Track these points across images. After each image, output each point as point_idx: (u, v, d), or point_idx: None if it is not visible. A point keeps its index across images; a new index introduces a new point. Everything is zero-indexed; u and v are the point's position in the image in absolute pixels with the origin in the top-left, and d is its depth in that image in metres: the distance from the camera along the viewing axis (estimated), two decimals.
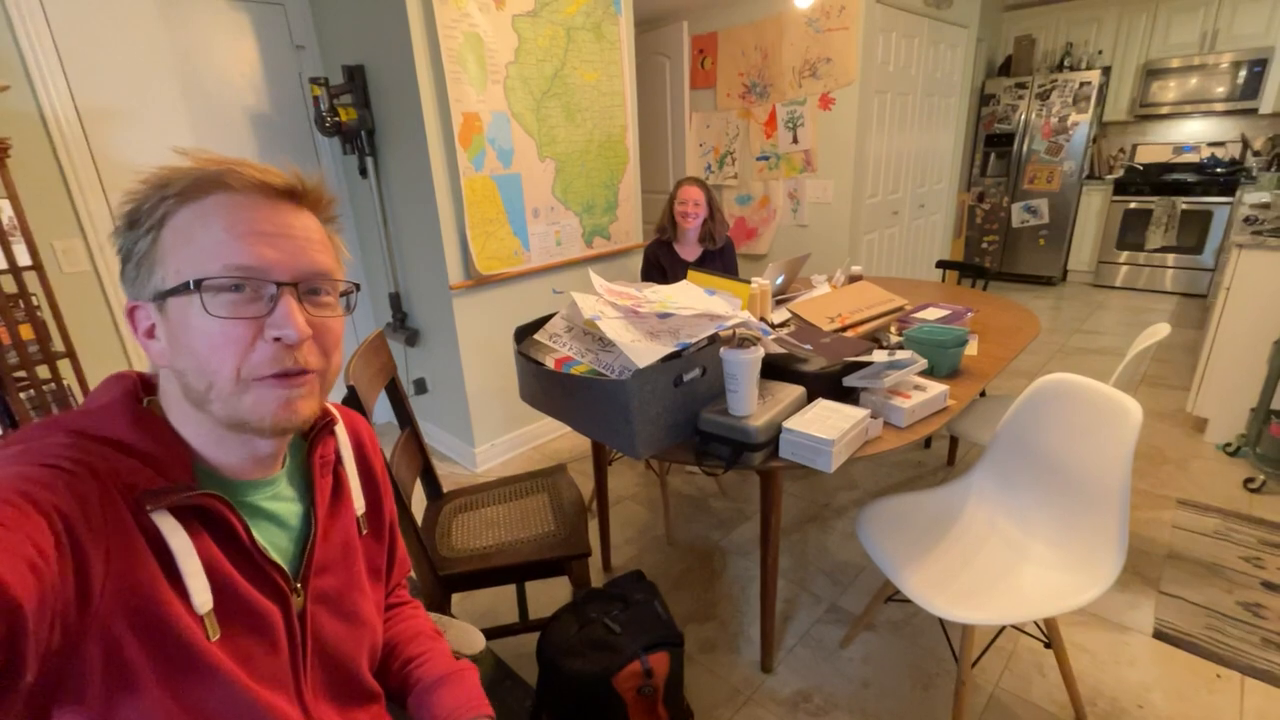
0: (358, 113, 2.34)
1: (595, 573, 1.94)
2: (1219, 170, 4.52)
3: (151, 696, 0.50)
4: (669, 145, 3.81)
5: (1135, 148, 5.05)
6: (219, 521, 0.55)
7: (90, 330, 2.09)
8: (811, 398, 1.34)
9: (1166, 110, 4.70)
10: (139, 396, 0.58)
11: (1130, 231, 4.79)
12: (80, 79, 2.01)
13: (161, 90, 2.20)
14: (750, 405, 1.21)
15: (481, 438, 2.62)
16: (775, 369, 1.40)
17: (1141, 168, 4.89)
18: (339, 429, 0.72)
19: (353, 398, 1.11)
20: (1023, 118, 4.93)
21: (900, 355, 1.38)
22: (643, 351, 1.18)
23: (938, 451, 2.61)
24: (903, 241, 4.06)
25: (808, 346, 1.50)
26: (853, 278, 2.30)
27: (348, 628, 0.68)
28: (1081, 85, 4.63)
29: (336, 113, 2.29)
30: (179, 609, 0.51)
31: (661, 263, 2.52)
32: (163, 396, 0.58)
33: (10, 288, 1.75)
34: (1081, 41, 4.87)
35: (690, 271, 1.86)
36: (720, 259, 2.53)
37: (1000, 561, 1.32)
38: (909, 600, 1.22)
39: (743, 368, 1.17)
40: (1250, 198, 3.14)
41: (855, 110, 3.24)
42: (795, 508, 2.25)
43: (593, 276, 1.46)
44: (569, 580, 1.40)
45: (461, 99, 2.17)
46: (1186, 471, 2.35)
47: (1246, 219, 2.79)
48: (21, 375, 1.77)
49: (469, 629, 0.96)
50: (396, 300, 2.70)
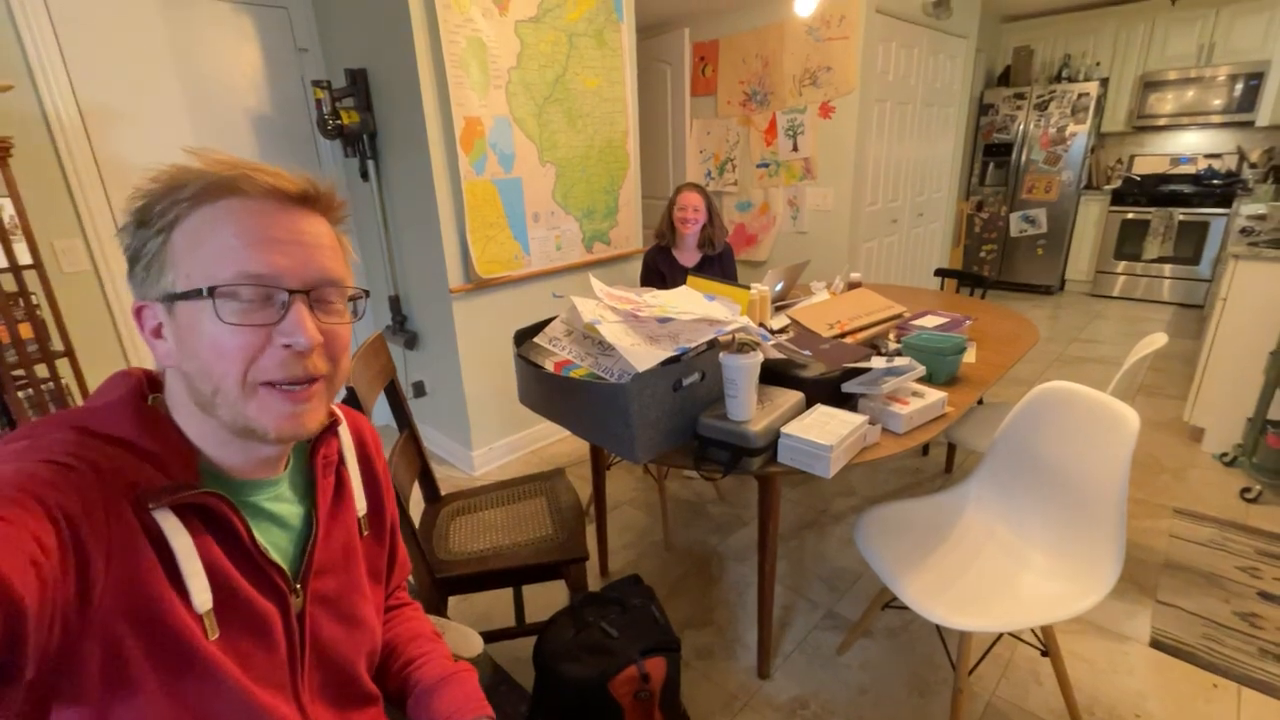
0: (360, 116, 2.35)
1: (592, 577, 1.93)
2: (1216, 182, 4.55)
3: (149, 695, 0.50)
4: (669, 151, 3.83)
5: (1133, 159, 5.08)
6: (221, 521, 0.55)
7: (89, 330, 2.09)
8: (810, 403, 1.34)
9: (1164, 122, 4.74)
10: (144, 394, 0.58)
11: (1128, 242, 4.81)
12: (83, 79, 2.01)
13: (164, 91, 2.21)
14: (749, 410, 1.21)
15: (479, 441, 2.62)
16: (774, 374, 1.40)
17: (1139, 179, 4.92)
18: (342, 429, 0.72)
19: (352, 399, 1.11)
20: (1021, 128, 4.96)
21: (899, 362, 1.39)
22: (642, 355, 1.18)
23: (935, 458, 2.61)
24: (902, 249, 4.08)
25: (806, 352, 1.50)
26: (852, 285, 2.31)
27: (346, 630, 0.68)
28: (1079, 96, 4.66)
29: (339, 116, 2.30)
30: (178, 607, 0.51)
31: (660, 268, 2.53)
32: (168, 395, 0.58)
33: (10, 286, 1.75)
34: (1079, 53, 4.90)
35: (690, 277, 1.87)
36: (719, 264, 2.54)
37: (998, 569, 1.33)
38: (906, 607, 1.22)
39: (742, 373, 1.18)
40: (1246, 209, 3.16)
41: (855, 119, 3.25)
42: (793, 514, 2.25)
43: (593, 281, 1.47)
44: (566, 584, 1.40)
45: (464, 103, 2.18)
46: (1183, 481, 2.35)
47: (1243, 230, 2.81)
48: (20, 374, 1.77)
49: (467, 632, 0.96)
50: (396, 303, 2.70)
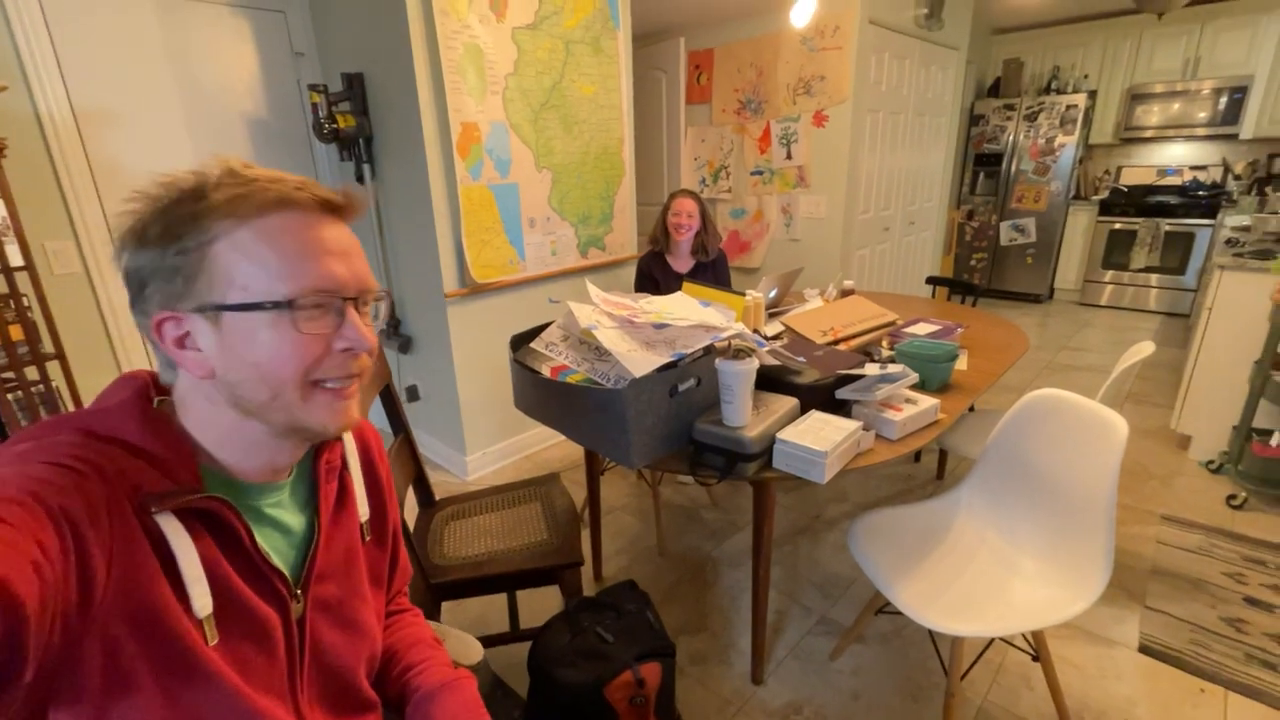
0: (356, 120, 2.35)
1: (586, 583, 1.93)
2: (1201, 193, 4.63)
3: (147, 698, 0.49)
4: (664, 158, 3.85)
5: (1120, 170, 5.16)
6: (223, 525, 0.56)
7: (80, 332, 2.08)
8: (804, 409, 1.35)
9: (1150, 134, 4.82)
10: (150, 397, 0.58)
11: (1115, 251, 4.88)
12: (77, 81, 2.01)
13: (159, 94, 2.20)
14: (745, 416, 1.22)
15: (473, 446, 2.62)
16: (769, 380, 1.41)
17: (1126, 189, 4.99)
18: (346, 434, 0.72)
19: None
20: (1011, 138, 5.02)
21: (892, 369, 1.40)
22: (639, 361, 1.19)
23: (927, 465, 2.63)
24: (893, 257, 4.11)
25: (801, 359, 1.51)
26: (845, 292, 2.33)
27: (346, 636, 0.68)
28: (1068, 108, 4.74)
29: (335, 120, 2.30)
30: (178, 612, 0.51)
31: (654, 274, 2.54)
32: (178, 400, 0.58)
33: (1, 288, 1.74)
34: (1068, 65, 4.98)
35: (685, 283, 1.88)
36: (712, 271, 2.56)
37: (989, 574, 1.34)
38: (899, 613, 1.23)
39: (738, 379, 1.19)
40: (1231, 220, 3.22)
41: (848, 128, 3.29)
42: (786, 519, 2.26)
43: (589, 287, 1.47)
44: (559, 590, 1.39)
45: (461, 109, 2.19)
46: (1170, 488, 2.38)
47: (1228, 241, 2.86)
48: (10, 376, 1.75)
49: (467, 638, 0.96)
50: (390, 307, 2.70)
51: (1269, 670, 1.54)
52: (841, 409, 1.41)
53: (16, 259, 1.76)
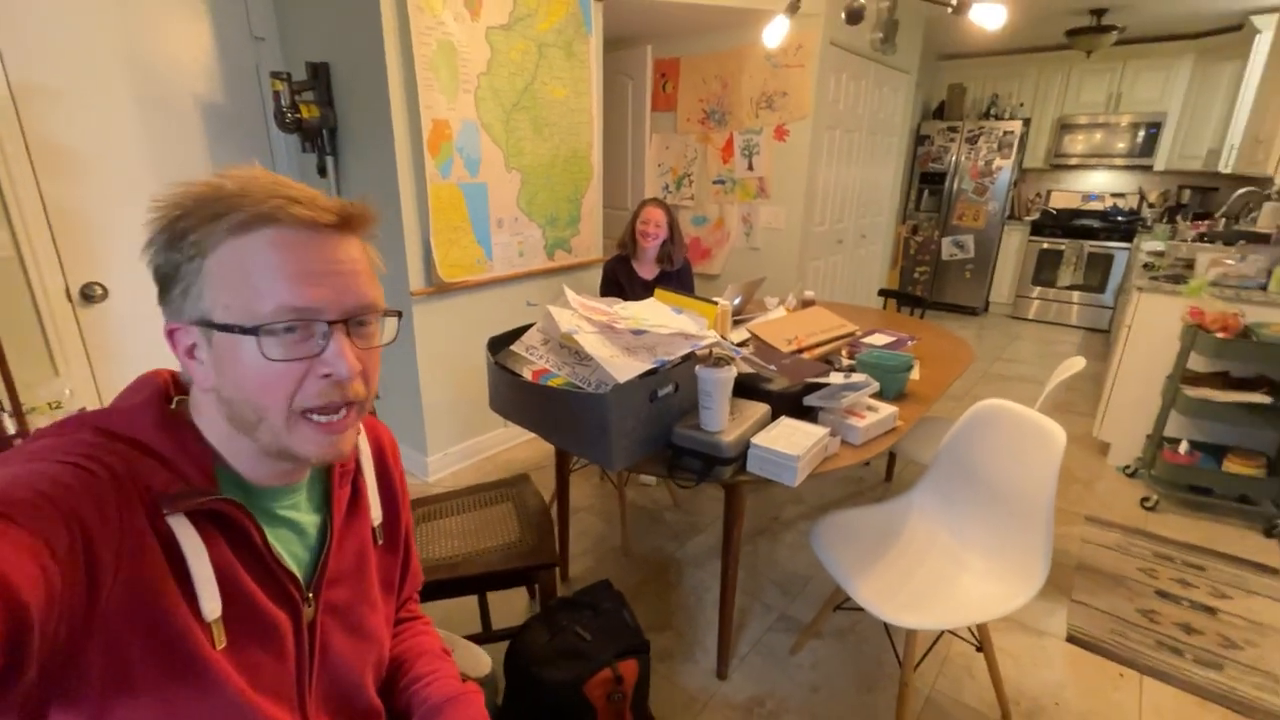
0: (320, 111, 2.28)
1: None
2: (1120, 219, 5.03)
3: (149, 700, 0.49)
4: (629, 163, 3.89)
5: (1050, 193, 5.54)
6: (236, 527, 0.56)
7: (10, 318, 1.94)
8: (774, 415, 1.41)
9: (1076, 161, 5.20)
10: (169, 396, 0.58)
11: (1044, 269, 5.24)
12: (14, 55, 1.87)
13: (103, 71, 2.07)
14: (723, 421, 1.27)
15: (435, 446, 2.58)
16: (741, 387, 1.46)
17: (1055, 212, 5.38)
18: (360, 439, 0.72)
19: None
20: (953, 159, 5.31)
21: (856, 378, 1.49)
22: (622, 367, 1.22)
23: (876, 468, 2.77)
24: (845, 269, 4.29)
25: (772, 367, 1.58)
26: (805, 302, 2.43)
27: (355, 642, 0.68)
28: (1005, 133, 5.05)
29: (298, 109, 2.23)
30: (185, 614, 0.51)
31: (619, 279, 2.57)
32: (193, 403, 0.58)
33: None
34: (1006, 94, 5.31)
35: (658, 290, 1.92)
36: (677, 280, 2.61)
37: (940, 571, 1.44)
38: (856, 609, 1.31)
39: (718, 386, 1.24)
40: (1147, 245, 3.51)
41: (808, 142, 3.42)
42: (746, 521, 2.31)
43: (566, 291, 1.49)
44: (527, 591, 1.40)
45: (432, 106, 2.16)
46: (1093, 491, 2.59)
47: (1145, 265, 3.13)
48: None
49: (475, 650, 0.96)
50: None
51: (1176, 656, 1.71)
52: (808, 415, 1.48)
53: None
